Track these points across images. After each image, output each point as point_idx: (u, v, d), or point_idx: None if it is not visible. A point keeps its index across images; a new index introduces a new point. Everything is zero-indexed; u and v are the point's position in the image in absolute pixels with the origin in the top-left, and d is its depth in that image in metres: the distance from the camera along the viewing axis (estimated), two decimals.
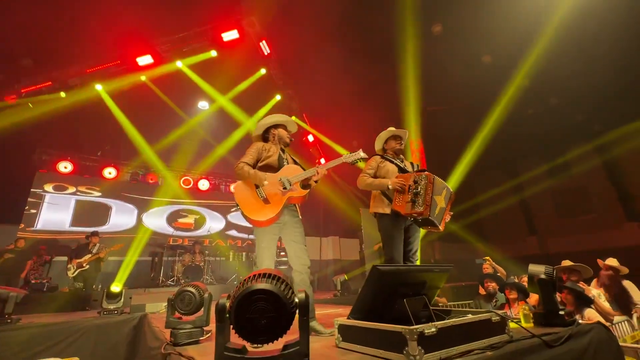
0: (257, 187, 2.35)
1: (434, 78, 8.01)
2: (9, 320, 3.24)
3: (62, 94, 7.03)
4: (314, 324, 2.21)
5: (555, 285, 1.95)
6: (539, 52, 7.37)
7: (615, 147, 9.81)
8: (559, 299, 2.26)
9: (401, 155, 2.97)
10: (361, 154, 2.47)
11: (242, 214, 2.35)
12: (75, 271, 5.72)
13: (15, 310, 3.44)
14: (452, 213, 2.72)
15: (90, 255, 5.93)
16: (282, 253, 8.57)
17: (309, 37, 7.51)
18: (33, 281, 6.00)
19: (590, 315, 2.77)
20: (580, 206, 11.09)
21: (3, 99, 6.51)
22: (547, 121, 9.46)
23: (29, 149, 7.96)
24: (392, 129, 3.00)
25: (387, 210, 2.64)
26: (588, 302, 2.90)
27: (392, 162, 2.81)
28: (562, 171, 11.19)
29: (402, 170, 2.75)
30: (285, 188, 2.34)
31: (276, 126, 2.67)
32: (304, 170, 2.46)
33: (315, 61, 8.01)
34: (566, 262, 3.52)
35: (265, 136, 2.69)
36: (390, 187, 2.60)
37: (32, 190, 7.85)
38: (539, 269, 1.96)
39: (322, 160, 9.85)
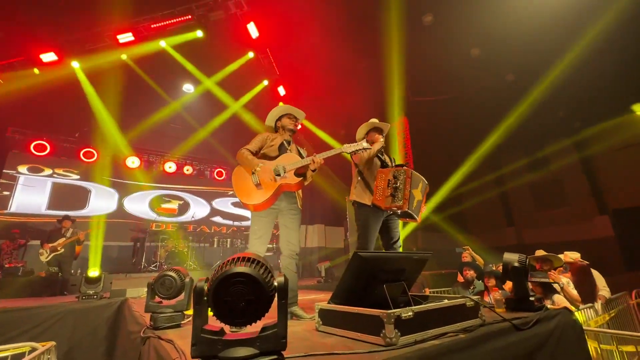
0: (253, 172, 2.40)
1: (420, 68, 8.04)
2: None
3: (36, 71, 6.65)
4: (295, 309, 2.24)
5: (527, 272, 2.04)
6: (525, 48, 7.49)
7: (592, 144, 10.20)
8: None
9: (382, 149, 2.94)
10: (364, 144, 2.45)
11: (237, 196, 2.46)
12: (48, 255, 5.56)
13: None
14: (426, 206, 2.90)
15: (64, 239, 5.76)
16: None
17: (298, 23, 7.35)
18: (7, 265, 5.80)
19: (559, 301, 2.93)
20: (557, 199, 11.56)
21: None
22: (530, 116, 9.70)
23: (1, 127, 7.55)
24: (374, 120, 2.99)
25: (368, 202, 2.71)
26: (553, 290, 3.06)
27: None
28: (541, 165, 11.59)
29: (383, 164, 2.84)
30: (278, 175, 2.39)
31: (282, 117, 2.74)
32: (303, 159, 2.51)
33: (304, 49, 7.87)
34: (540, 252, 3.68)
35: (276, 127, 2.77)
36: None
37: (4, 171, 7.49)
38: (512, 258, 2.04)
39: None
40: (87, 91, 7.51)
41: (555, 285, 3.14)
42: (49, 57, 6.42)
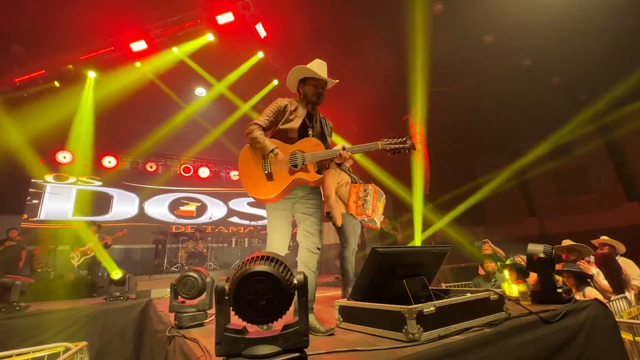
0: (264, 158, 1.94)
1: (434, 58, 7.84)
2: (17, 308, 3.31)
3: (56, 83, 6.92)
4: (311, 319, 1.74)
5: (554, 264, 1.96)
6: (542, 30, 7.17)
7: (618, 127, 9.70)
8: (559, 280, 2.29)
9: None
10: (409, 142, 1.95)
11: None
12: (79, 259, 5.80)
13: (23, 298, 3.51)
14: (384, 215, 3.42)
15: (91, 244, 6.00)
16: None
17: (307, 18, 7.30)
18: (39, 270, 6.09)
19: (591, 293, 2.81)
20: (581, 186, 11.09)
21: None
22: (550, 101, 9.33)
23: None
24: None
25: (345, 211, 3.20)
26: (587, 279, 2.93)
27: (346, 172, 3.32)
28: (563, 152, 11.13)
29: (354, 180, 3.33)
30: (295, 166, 1.95)
31: (305, 81, 2.12)
32: (326, 149, 2.01)
33: (313, 44, 7.82)
34: (567, 242, 3.54)
35: (299, 91, 2.19)
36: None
37: (32, 180, 7.86)
38: (537, 249, 1.97)
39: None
40: (109, 99, 7.72)
41: (593, 271, 3.01)
42: (68, 69, 6.67)
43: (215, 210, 10.25)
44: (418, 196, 8.55)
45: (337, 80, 2.16)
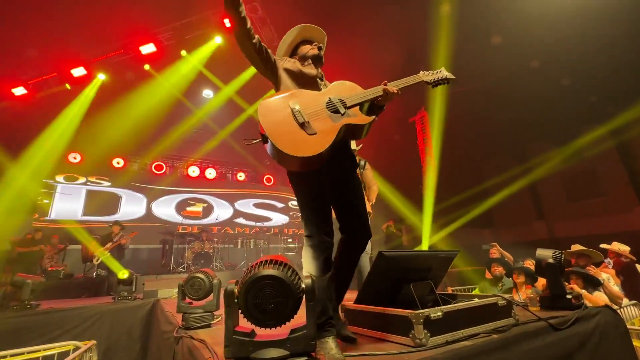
0: (292, 108, 1.51)
1: (438, 59, 7.80)
2: (28, 306, 3.37)
3: (67, 86, 7.06)
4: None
5: (563, 269, 1.94)
6: (550, 31, 7.10)
7: (630, 129, 9.52)
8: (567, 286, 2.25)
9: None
10: (445, 72, 1.80)
11: (272, 148, 1.43)
12: (98, 259, 5.91)
13: (34, 296, 3.57)
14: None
15: (111, 244, 6.11)
16: (290, 240, 8.68)
17: (314, 20, 7.32)
18: (50, 269, 6.20)
19: (599, 297, 2.77)
20: (590, 190, 10.91)
21: (10, 90, 6.55)
22: (559, 103, 9.20)
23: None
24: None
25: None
26: (596, 284, 2.89)
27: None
28: (572, 154, 10.96)
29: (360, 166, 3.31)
30: (336, 112, 1.54)
31: (300, 46, 1.88)
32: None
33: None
34: (576, 247, 3.49)
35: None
36: None
37: (43, 180, 8.01)
38: (546, 253, 1.95)
39: None
40: (117, 102, 7.85)
41: (603, 277, 2.96)
42: (78, 71, 6.80)
43: (222, 211, 10.32)
44: (429, 199, 8.51)
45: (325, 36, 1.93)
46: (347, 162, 1.67)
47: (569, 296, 1.83)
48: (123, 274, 4.19)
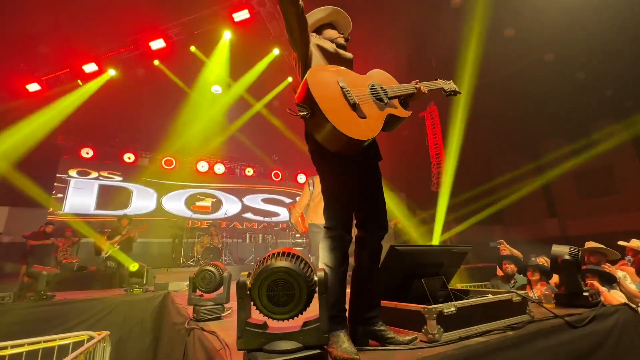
0: (342, 87, 1.38)
1: (448, 54, 7.66)
2: (44, 297, 3.46)
3: (79, 82, 7.16)
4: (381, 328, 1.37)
5: (580, 265, 1.89)
6: (565, 21, 6.88)
7: None
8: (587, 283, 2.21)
9: None
10: (454, 86, 1.90)
11: (320, 123, 1.29)
12: (107, 252, 6.01)
13: (49, 287, 3.66)
14: None
15: (120, 236, 6.21)
16: (298, 235, 8.70)
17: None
18: (64, 261, 6.36)
19: (616, 296, 2.70)
20: (605, 187, 10.65)
21: (24, 86, 6.68)
22: (573, 98, 8.96)
23: (53, 135, 8.20)
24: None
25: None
26: (611, 280, 2.82)
27: None
28: (586, 150, 10.69)
29: None
30: (380, 100, 1.47)
31: (322, 28, 1.75)
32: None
33: None
34: (590, 244, 3.40)
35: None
36: None
37: (57, 175, 8.18)
38: (563, 250, 1.90)
39: None
40: (128, 97, 7.92)
41: (619, 275, 2.89)
42: (90, 67, 6.88)
43: (230, 206, 10.40)
44: (444, 195, 8.42)
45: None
46: (372, 152, 1.59)
47: (585, 293, 1.79)
48: (134, 266, 4.27)
